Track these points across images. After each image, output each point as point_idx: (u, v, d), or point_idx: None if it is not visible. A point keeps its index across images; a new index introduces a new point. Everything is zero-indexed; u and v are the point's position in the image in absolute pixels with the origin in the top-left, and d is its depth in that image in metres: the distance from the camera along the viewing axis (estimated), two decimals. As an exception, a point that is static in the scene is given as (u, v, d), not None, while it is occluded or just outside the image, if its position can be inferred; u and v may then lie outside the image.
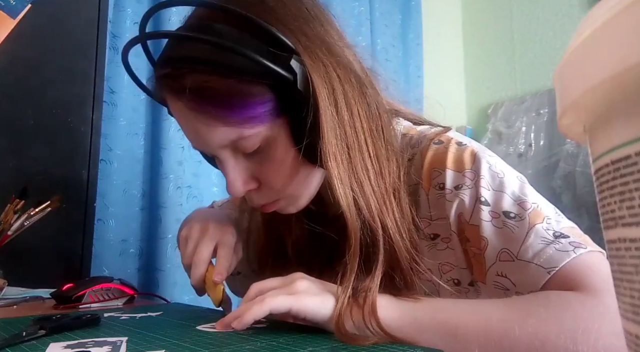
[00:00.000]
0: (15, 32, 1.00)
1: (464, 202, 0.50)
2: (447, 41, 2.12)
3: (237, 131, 0.49)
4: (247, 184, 0.53)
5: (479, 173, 0.51)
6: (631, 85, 0.12)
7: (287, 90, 0.48)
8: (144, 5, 1.21)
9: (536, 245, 0.46)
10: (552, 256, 0.44)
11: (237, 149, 0.51)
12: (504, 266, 0.47)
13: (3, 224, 0.78)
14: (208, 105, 0.48)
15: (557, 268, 0.44)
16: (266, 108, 0.48)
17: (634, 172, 0.13)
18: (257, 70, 0.46)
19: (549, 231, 0.46)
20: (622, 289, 0.14)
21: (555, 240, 0.45)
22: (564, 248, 0.44)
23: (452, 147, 0.54)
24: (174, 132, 1.19)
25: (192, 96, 0.48)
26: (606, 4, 0.13)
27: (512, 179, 0.51)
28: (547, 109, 1.78)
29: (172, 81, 0.50)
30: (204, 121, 0.49)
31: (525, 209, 0.48)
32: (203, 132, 0.50)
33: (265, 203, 0.55)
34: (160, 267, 1.14)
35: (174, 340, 0.44)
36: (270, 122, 0.49)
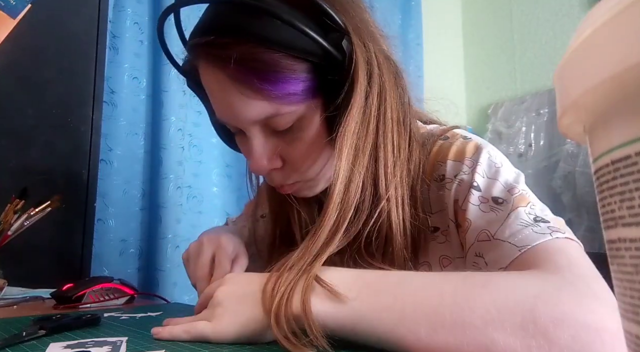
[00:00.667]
0: (15, 32, 1.00)
1: (459, 187, 0.51)
2: (447, 41, 2.12)
3: (275, 107, 0.48)
4: (272, 162, 0.52)
5: (477, 161, 0.51)
6: (631, 85, 0.12)
7: (331, 70, 0.47)
8: (144, 5, 1.21)
9: (514, 226, 0.45)
10: (528, 236, 0.43)
11: (268, 125, 0.50)
12: (481, 245, 0.47)
13: (3, 224, 0.78)
14: (252, 77, 0.46)
15: (529, 246, 0.42)
16: (307, 86, 0.48)
17: (634, 172, 0.13)
18: (306, 46, 0.46)
19: (530, 214, 0.46)
20: (622, 289, 0.14)
21: (534, 223, 0.44)
22: (542, 231, 0.43)
23: (457, 141, 0.55)
24: (174, 132, 1.19)
25: (237, 66, 0.46)
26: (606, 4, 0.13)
27: (508, 170, 0.51)
28: (547, 109, 1.78)
29: (215, 49, 0.48)
30: (244, 93, 0.47)
31: (513, 193, 0.48)
32: (239, 105, 0.48)
33: (286, 183, 0.54)
34: (160, 267, 1.14)
35: (174, 340, 0.44)
36: (307, 101, 0.49)
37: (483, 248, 0.47)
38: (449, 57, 2.12)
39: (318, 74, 0.48)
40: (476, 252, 0.47)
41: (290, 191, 0.55)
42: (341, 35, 0.47)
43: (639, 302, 0.13)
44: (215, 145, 1.32)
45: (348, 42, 0.47)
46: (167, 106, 1.19)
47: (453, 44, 2.16)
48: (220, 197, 1.31)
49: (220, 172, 1.32)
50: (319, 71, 0.48)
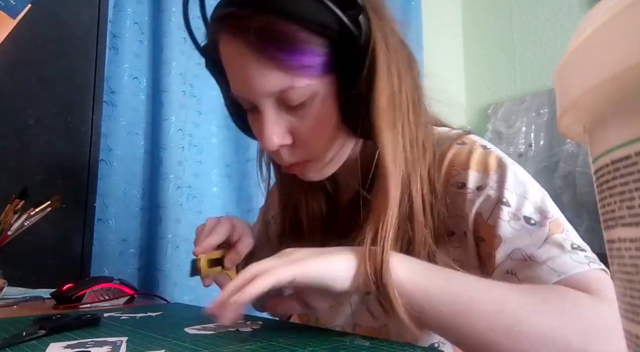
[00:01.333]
0: (15, 32, 1.00)
1: (486, 201, 0.50)
2: (447, 41, 2.12)
3: (290, 80, 0.49)
4: (283, 138, 0.52)
5: (504, 177, 0.51)
6: (631, 85, 0.12)
7: (348, 46, 0.48)
8: (144, 5, 1.21)
9: (552, 251, 0.45)
10: (567, 263, 0.44)
11: (282, 100, 0.50)
12: (515, 264, 0.47)
13: (3, 224, 0.78)
14: (271, 47, 0.47)
15: (569, 274, 0.43)
16: (323, 61, 0.49)
17: (634, 172, 0.13)
18: (324, 19, 0.47)
19: (567, 241, 0.46)
20: (622, 289, 0.14)
21: (572, 250, 0.45)
22: (580, 259, 0.44)
23: (477, 149, 0.55)
24: (174, 132, 1.19)
25: (256, 36, 0.47)
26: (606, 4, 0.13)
27: (535, 189, 0.51)
28: (547, 109, 1.78)
29: (236, 20, 0.49)
30: (262, 62, 0.48)
31: (547, 217, 0.48)
32: (255, 76, 0.49)
33: (295, 162, 0.54)
34: (160, 267, 1.14)
35: (174, 340, 0.44)
36: (323, 76, 0.50)
37: (517, 267, 0.47)
38: (449, 57, 2.12)
39: (335, 50, 0.49)
40: (508, 270, 0.47)
41: (297, 170, 0.55)
42: (358, 11, 0.48)
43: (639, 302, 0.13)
44: (215, 145, 1.32)
45: (365, 18, 0.48)
46: (167, 106, 1.19)
47: (453, 44, 2.15)
48: (220, 197, 1.31)
49: (220, 172, 1.32)
50: (337, 47, 0.49)
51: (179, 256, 1.15)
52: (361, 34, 0.48)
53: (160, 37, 1.21)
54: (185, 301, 1.09)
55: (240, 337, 0.45)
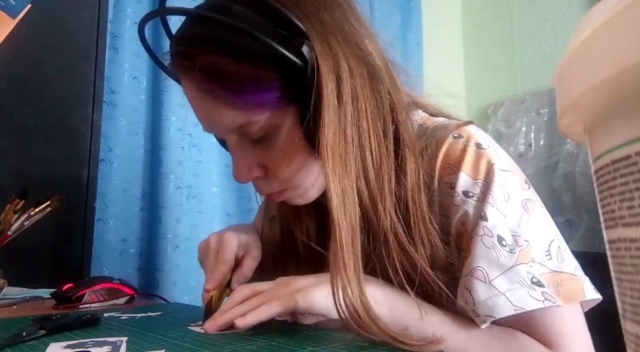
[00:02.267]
0: (15, 32, 1.00)
1: (468, 214, 0.50)
2: (447, 41, 2.12)
3: (245, 116, 0.48)
4: (251, 171, 0.52)
5: (489, 187, 0.50)
6: (631, 85, 0.12)
7: (297, 77, 0.47)
8: (144, 5, 1.21)
9: (512, 282, 0.47)
10: (523, 298, 0.46)
11: (244, 134, 0.50)
12: (474, 282, 0.48)
13: (3, 224, 0.78)
14: (217, 88, 0.47)
15: (524, 310, 0.46)
16: (275, 95, 0.48)
17: (634, 172, 0.13)
18: (269, 55, 0.46)
19: (529, 273, 0.47)
20: (622, 289, 0.14)
21: (530, 285, 0.46)
22: (536, 296, 0.46)
23: (470, 148, 0.52)
24: (174, 132, 1.19)
25: (202, 76, 0.47)
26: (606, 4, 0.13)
27: (516, 206, 0.50)
28: (547, 109, 1.78)
29: (184, 60, 0.49)
30: (212, 103, 0.48)
31: (518, 244, 0.48)
32: (211, 114, 0.50)
33: (272, 192, 0.54)
34: (160, 267, 1.14)
35: (174, 340, 0.44)
36: (278, 109, 0.49)
37: (475, 287, 0.48)
38: (449, 57, 2.12)
39: (286, 81, 0.47)
40: (467, 286, 0.48)
41: (280, 199, 0.55)
42: (301, 41, 0.46)
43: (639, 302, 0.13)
44: (215, 145, 1.31)
45: (309, 49, 0.46)
46: (167, 106, 1.19)
47: (453, 44, 2.15)
48: (220, 197, 1.31)
49: (220, 172, 1.32)
50: (287, 79, 0.47)
51: (179, 256, 1.15)
52: (307, 64, 0.46)
53: (160, 37, 1.21)
54: (185, 301, 1.09)
55: (240, 337, 0.45)
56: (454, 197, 0.52)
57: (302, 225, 0.63)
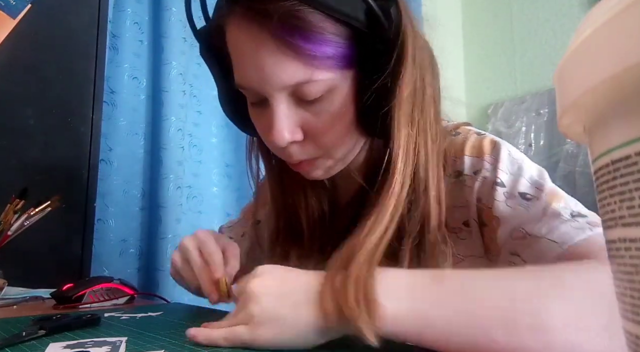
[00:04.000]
0: (15, 32, 1.00)
1: (482, 185, 0.50)
2: (447, 41, 2.12)
3: (310, 72, 0.45)
4: (294, 134, 0.48)
5: (497, 158, 0.50)
6: (631, 85, 0.12)
7: (376, 38, 0.45)
8: (144, 5, 1.21)
9: (551, 222, 0.44)
10: (567, 232, 0.42)
11: (296, 94, 0.47)
12: (516, 244, 0.46)
13: (3, 224, 0.77)
14: (293, 35, 0.43)
15: (571, 243, 0.41)
16: (347, 53, 0.46)
17: (634, 172, 0.13)
18: (352, 10, 0.44)
19: (565, 209, 0.44)
20: (622, 289, 0.14)
21: (571, 218, 0.43)
22: (581, 226, 0.42)
23: (471, 136, 0.54)
24: (174, 132, 1.19)
25: (278, 23, 0.43)
26: (606, 4, 0.13)
27: (531, 166, 0.50)
28: (547, 109, 1.78)
29: (256, 3, 0.44)
30: (281, 51, 0.44)
31: (542, 190, 0.47)
32: (272, 66, 0.45)
33: (304, 159, 0.51)
34: (160, 267, 1.14)
35: (174, 340, 0.44)
36: (343, 70, 0.47)
37: (519, 246, 0.45)
38: (449, 57, 2.12)
39: (360, 42, 0.46)
40: (511, 251, 0.46)
41: (306, 167, 0.52)
42: (390, 3, 0.45)
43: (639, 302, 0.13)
44: (215, 145, 1.32)
45: (396, 10, 0.45)
46: (167, 106, 1.19)
47: (453, 44, 2.15)
48: (220, 197, 1.31)
49: (220, 172, 1.32)
50: (362, 40, 0.46)
51: (179, 256, 1.15)
52: (391, 26, 0.44)
53: (160, 37, 1.21)
54: (185, 301, 1.08)
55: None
56: (464, 181, 0.51)
57: (309, 207, 0.61)
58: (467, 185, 0.51)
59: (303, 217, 0.61)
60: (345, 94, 0.48)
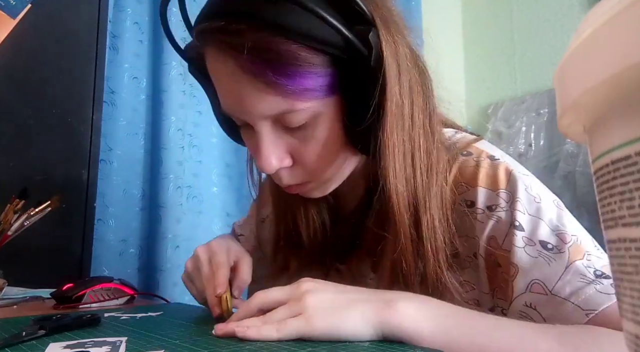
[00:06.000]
0: (15, 32, 1.00)
1: (497, 225, 0.47)
2: (447, 41, 2.12)
3: (289, 103, 0.44)
4: (282, 161, 0.48)
5: (514, 195, 0.47)
6: (631, 85, 0.12)
7: (356, 66, 0.44)
8: (144, 5, 1.21)
9: (575, 282, 0.42)
10: (592, 297, 0.41)
11: (280, 122, 0.46)
12: (535, 298, 0.44)
13: (3, 224, 0.77)
14: (266, 69, 0.42)
15: (597, 311, 0.40)
16: (325, 82, 0.44)
17: (634, 172, 0.13)
18: (328, 38, 0.42)
19: (589, 268, 0.43)
20: (622, 289, 0.14)
21: (595, 279, 0.42)
22: (606, 290, 0.41)
23: (484, 162, 0.51)
24: (174, 132, 1.19)
25: (250, 56, 0.42)
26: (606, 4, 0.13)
27: (549, 205, 0.47)
28: (547, 109, 1.78)
29: (226, 36, 0.43)
30: (256, 86, 0.43)
31: (565, 242, 0.44)
32: (250, 98, 0.45)
33: (294, 183, 0.51)
34: (160, 267, 1.14)
35: (174, 340, 0.44)
36: (324, 98, 0.45)
37: (537, 301, 0.44)
38: (449, 57, 2.12)
39: (339, 69, 0.45)
40: (527, 303, 0.45)
41: (298, 191, 0.52)
42: (368, 27, 0.43)
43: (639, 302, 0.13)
44: (215, 145, 1.31)
45: (375, 36, 0.43)
46: (167, 106, 1.19)
47: (453, 44, 2.15)
48: (220, 197, 1.31)
49: (220, 172, 1.32)
50: (341, 66, 0.44)
51: (179, 256, 1.15)
52: (371, 53, 0.43)
53: (160, 37, 1.21)
54: (185, 301, 1.08)
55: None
56: (476, 214, 0.49)
57: (308, 219, 0.60)
58: (478, 219, 0.49)
59: (303, 229, 0.60)
60: (331, 120, 0.47)
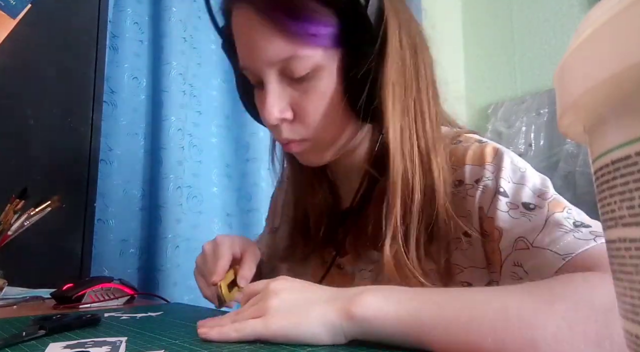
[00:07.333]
0: (15, 32, 1.00)
1: (484, 194, 0.49)
2: (447, 41, 2.12)
3: (294, 48, 0.48)
4: (283, 112, 0.51)
5: (500, 166, 0.50)
6: (631, 85, 0.12)
7: (358, 19, 0.48)
8: (144, 5, 1.21)
9: (554, 232, 0.43)
10: (570, 243, 0.42)
11: (286, 72, 0.50)
12: (519, 254, 0.45)
13: (3, 224, 0.77)
14: (277, 12, 0.47)
15: (574, 254, 0.41)
16: (330, 32, 0.48)
17: (634, 172, 0.13)
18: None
19: (568, 219, 0.44)
20: (622, 289, 0.14)
21: (575, 228, 0.43)
22: (584, 236, 0.42)
23: (473, 145, 0.53)
24: (174, 132, 1.19)
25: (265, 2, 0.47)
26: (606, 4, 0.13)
27: (534, 174, 0.50)
28: (547, 109, 1.78)
29: None
30: (268, 28, 0.48)
31: (545, 198, 0.46)
32: (260, 42, 0.49)
33: (293, 139, 0.53)
34: (160, 267, 1.14)
35: (174, 340, 0.44)
36: (327, 48, 0.49)
37: (521, 257, 0.45)
38: (449, 57, 2.12)
39: (343, 22, 0.48)
40: (514, 262, 0.45)
41: (296, 149, 0.54)
42: None
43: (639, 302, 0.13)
44: (215, 145, 1.32)
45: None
46: (167, 106, 1.19)
47: (453, 44, 2.15)
48: (220, 197, 1.31)
49: (220, 172, 1.32)
50: (345, 20, 0.48)
51: (179, 256, 1.15)
52: (368, 3, 0.47)
53: (160, 37, 1.21)
54: (185, 301, 1.08)
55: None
56: (466, 190, 0.51)
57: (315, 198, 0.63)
58: (468, 194, 0.50)
59: (310, 210, 0.63)
60: (332, 74, 0.50)
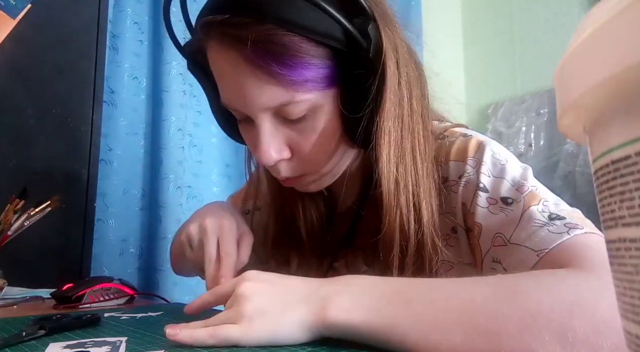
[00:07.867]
0: (15, 32, 1.00)
1: (465, 191, 0.49)
2: (447, 41, 2.12)
3: (290, 94, 0.45)
4: (281, 152, 0.49)
5: (480, 160, 0.50)
6: (631, 85, 0.12)
7: (355, 58, 0.45)
8: (144, 5, 1.21)
9: (529, 227, 0.43)
10: (544, 238, 0.42)
11: (280, 113, 0.47)
12: (497, 251, 0.46)
13: (3, 224, 0.77)
14: (270, 60, 0.44)
15: (547, 250, 0.41)
16: (327, 73, 0.46)
17: (634, 172, 0.13)
18: (329, 30, 0.44)
19: (544, 212, 0.44)
20: (622, 289, 0.14)
21: (549, 222, 0.43)
22: (558, 230, 0.42)
23: (457, 140, 0.53)
24: (174, 132, 1.19)
25: (254, 48, 0.43)
26: (606, 4, 0.13)
27: (514, 166, 0.49)
28: (547, 109, 1.78)
29: (230, 29, 0.45)
30: (259, 77, 0.45)
31: (522, 192, 0.46)
32: (251, 89, 0.46)
33: (291, 176, 0.52)
34: (160, 267, 1.14)
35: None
36: (324, 89, 0.47)
37: (500, 254, 0.45)
38: (449, 57, 2.11)
39: (339, 61, 0.46)
40: (493, 258, 0.46)
41: (295, 184, 0.53)
42: (367, 20, 0.45)
43: (639, 302, 0.13)
44: (215, 145, 1.31)
45: (375, 29, 0.45)
46: (167, 106, 1.19)
47: (453, 44, 2.15)
48: (220, 197, 1.31)
49: (220, 172, 1.32)
50: (341, 58, 0.46)
51: (179, 256, 1.15)
52: (370, 45, 0.45)
53: (160, 37, 1.21)
54: (185, 301, 1.08)
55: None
56: (451, 187, 0.51)
57: (306, 213, 0.61)
58: (452, 191, 0.51)
59: (302, 225, 0.61)
60: (329, 111, 0.48)
